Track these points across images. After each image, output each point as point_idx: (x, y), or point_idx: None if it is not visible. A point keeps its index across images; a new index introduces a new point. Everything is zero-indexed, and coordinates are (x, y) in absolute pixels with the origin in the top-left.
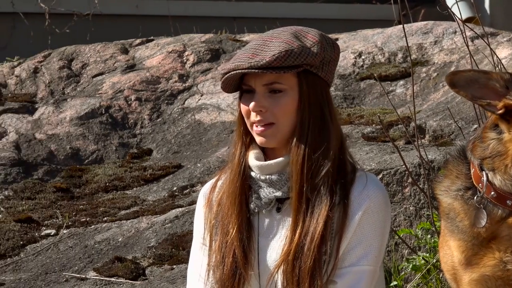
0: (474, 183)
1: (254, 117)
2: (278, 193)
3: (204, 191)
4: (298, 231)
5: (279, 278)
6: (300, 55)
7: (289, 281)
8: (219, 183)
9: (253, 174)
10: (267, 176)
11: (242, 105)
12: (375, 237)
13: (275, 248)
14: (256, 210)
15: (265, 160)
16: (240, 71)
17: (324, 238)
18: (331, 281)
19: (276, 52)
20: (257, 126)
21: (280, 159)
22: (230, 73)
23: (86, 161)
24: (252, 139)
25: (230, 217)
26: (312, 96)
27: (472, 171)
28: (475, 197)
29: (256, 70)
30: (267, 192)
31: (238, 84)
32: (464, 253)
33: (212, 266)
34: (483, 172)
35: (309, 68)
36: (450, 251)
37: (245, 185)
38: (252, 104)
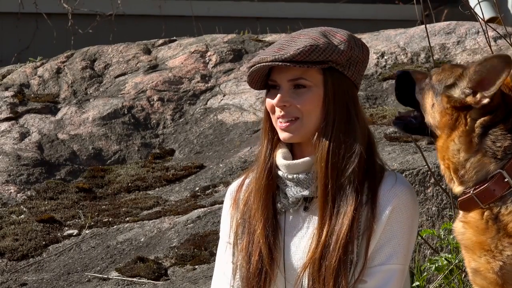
0: None
1: (278, 112)
2: (305, 192)
3: (230, 191)
4: (324, 230)
5: (305, 276)
6: (326, 51)
7: (315, 280)
8: (247, 181)
9: (280, 173)
10: (294, 175)
11: (267, 101)
12: (404, 236)
13: (301, 246)
14: (283, 210)
15: (293, 159)
16: (264, 64)
17: (350, 237)
18: (360, 280)
19: (301, 46)
20: (281, 122)
21: (307, 158)
22: (255, 66)
23: (109, 161)
24: (278, 137)
25: (257, 215)
26: (337, 94)
27: None
28: None
29: (280, 63)
30: (294, 191)
31: (265, 80)
32: None
33: (238, 264)
34: None
35: (334, 66)
36: None
37: (272, 183)
38: (276, 99)
